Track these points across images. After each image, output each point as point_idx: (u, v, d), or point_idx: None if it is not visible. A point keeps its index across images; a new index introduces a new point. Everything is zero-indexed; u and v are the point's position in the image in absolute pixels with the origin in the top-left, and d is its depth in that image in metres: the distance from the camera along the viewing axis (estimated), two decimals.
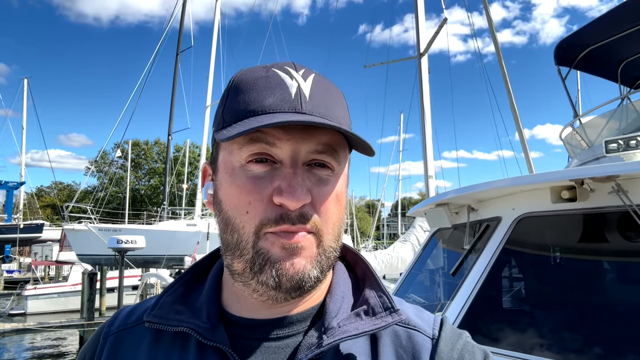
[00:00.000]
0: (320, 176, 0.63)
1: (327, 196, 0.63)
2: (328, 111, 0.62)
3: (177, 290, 0.73)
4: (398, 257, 10.35)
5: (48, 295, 21.09)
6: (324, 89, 0.64)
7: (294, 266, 0.60)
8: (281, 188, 0.59)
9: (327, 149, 0.62)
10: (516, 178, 2.75)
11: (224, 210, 0.64)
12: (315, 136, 0.61)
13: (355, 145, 0.66)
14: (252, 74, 0.65)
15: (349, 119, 0.68)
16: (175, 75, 26.73)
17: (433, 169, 10.14)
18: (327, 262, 0.65)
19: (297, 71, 0.64)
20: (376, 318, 0.66)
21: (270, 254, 0.60)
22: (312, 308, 0.68)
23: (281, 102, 0.60)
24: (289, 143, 0.60)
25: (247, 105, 0.61)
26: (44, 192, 63.37)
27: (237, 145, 0.62)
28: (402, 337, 0.68)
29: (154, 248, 17.27)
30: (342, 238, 0.67)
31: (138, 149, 57.60)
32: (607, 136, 4.02)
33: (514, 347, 2.39)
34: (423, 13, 10.56)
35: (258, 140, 0.61)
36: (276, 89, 0.61)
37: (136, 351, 0.69)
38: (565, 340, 2.38)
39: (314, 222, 0.62)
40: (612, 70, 5.51)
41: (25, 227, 35.72)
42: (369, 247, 43.75)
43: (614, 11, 4.54)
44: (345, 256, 0.77)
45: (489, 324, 2.74)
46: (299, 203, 0.59)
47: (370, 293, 0.69)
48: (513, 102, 8.28)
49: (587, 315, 2.51)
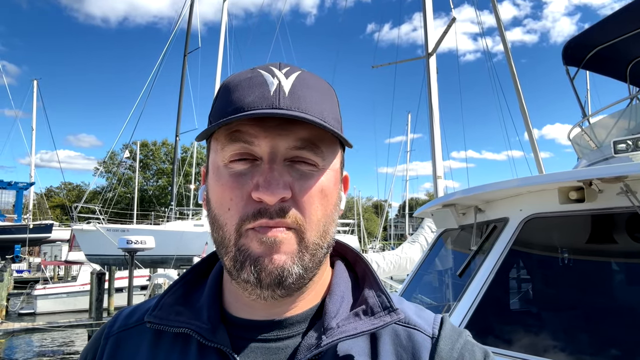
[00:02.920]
0: (303, 171, 0.63)
1: (309, 190, 0.63)
2: (309, 106, 0.62)
3: (177, 291, 0.73)
4: (407, 258, 10.29)
5: (57, 295, 21.22)
6: (306, 85, 0.64)
7: (273, 262, 0.60)
8: (258, 184, 0.60)
9: (307, 145, 0.62)
10: (523, 179, 2.73)
11: (211, 208, 0.66)
12: (293, 131, 0.62)
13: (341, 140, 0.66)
14: (238, 77, 0.66)
15: (337, 114, 0.68)
16: (183, 77, 26.91)
17: (442, 169, 10.10)
18: (312, 260, 0.64)
19: (281, 70, 0.65)
20: (375, 318, 0.66)
21: (250, 251, 0.61)
22: (310, 309, 0.69)
23: (259, 100, 0.61)
24: (266, 140, 0.61)
25: (230, 105, 0.62)
26: (54, 193, 63.90)
27: (220, 145, 0.64)
28: (402, 336, 0.68)
29: (161, 248, 17.35)
30: (331, 235, 0.67)
31: (146, 149, 57.93)
32: (616, 136, 3.99)
33: (520, 349, 2.38)
34: (431, 13, 10.53)
35: (237, 139, 0.62)
36: (256, 87, 0.62)
37: (137, 352, 0.69)
38: (572, 342, 2.36)
39: (294, 217, 0.61)
40: (620, 70, 5.46)
41: (35, 227, 35.99)
42: (376, 248, 43.69)
43: (622, 11, 4.50)
44: (346, 255, 0.77)
45: (495, 325, 2.73)
46: (275, 197, 0.59)
47: (369, 293, 0.69)
48: (522, 103, 8.24)
49: (594, 316, 2.49)
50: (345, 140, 0.65)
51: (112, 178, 49.65)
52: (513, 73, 8.31)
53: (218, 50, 24.91)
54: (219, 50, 24.76)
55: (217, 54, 24.88)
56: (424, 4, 10.41)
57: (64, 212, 52.72)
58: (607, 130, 4.48)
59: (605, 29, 4.84)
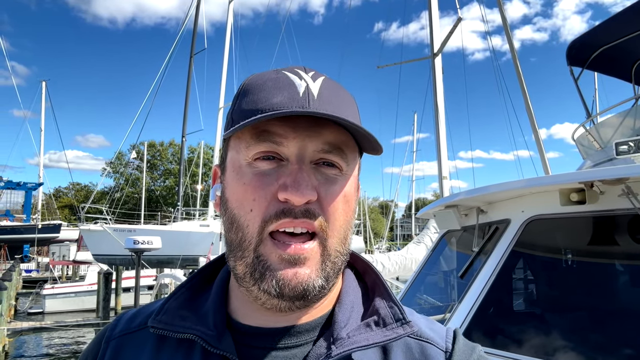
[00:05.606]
0: (328, 175, 0.62)
1: (335, 195, 0.62)
2: (336, 110, 0.61)
3: (182, 295, 0.71)
4: (412, 259, 10.26)
5: (65, 295, 21.37)
6: (333, 90, 0.64)
7: (297, 276, 0.59)
8: (286, 184, 0.59)
9: (334, 148, 0.62)
10: (525, 180, 2.73)
11: (229, 208, 0.64)
12: (322, 134, 0.61)
13: (363, 145, 0.66)
14: (262, 77, 0.65)
15: (358, 120, 0.66)
16: (189, 78, 27.03)
17: (447, 169, 10.06)
18: (333, 268, 0.63)
19: (307, 73, 0.64)
20: (387, 329, 0.64)
21: (270, 263, 0.59)
22: (320, 317, 0.67)
23: (289, 101, 0.60)
24: (295, 141, 0.60)
25: (256, 104, 0.61)
26: (62, 193, 64.37)
27: (244, 144, 0.62)
28: (414, 349, 0.66)
29: (168, 248, 17.42)
30: (349, 242, 0.66)
31: (153, 150, 58.23)
32: (620, 137, 3.97)
33: (521, 350, 2.38)
34: (437, 12, 10.49)
35: (265, 139, 0.60)
36: (284, 88, 0.61)
37: (139, 357, 0.67)
38: (572, 344, 2.36)
39: (319, 220, 0.60)
40: (626, 70, 5.43)
41: (43, 227, 36.35)
42: (383, 249, 43.62)
43: (626, 11, 4.48)
44: (355, 265, 0.75)
45: (496, 326, 2.73)
46: (303, 198, 0.58)
47: (380, 303, 0.67)
48: (528, 103, 8.19)
49: (594, 318, 2.49)
50: (379, 145, 0.64)
51: (119, 178, 49.99)
52: (519, 73, 8.27)
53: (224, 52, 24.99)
54: (225, 52, 24.83)
55: (223, 55, 24.97)
56: (430, 4, 10.38)
57: (72, 212, 53.07)
58: (612, 131, 4.45)
59: (610, 28, 4.81)
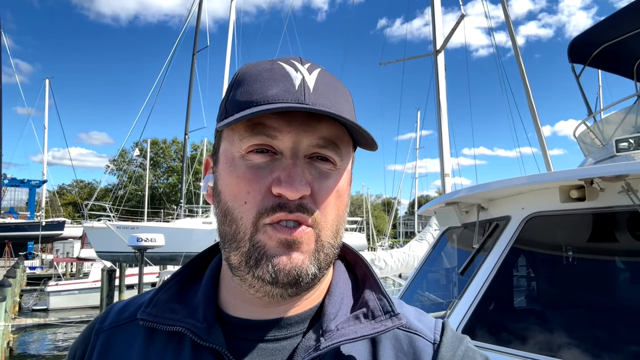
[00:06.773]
0: (322, 170, 0.62)
1: (328, 190, 0.62)
2: (332, 104, 0.60)
3: (172, 287, 0.71)
4: (414, 256, 10.29)
5: (69, 292, 21.43)
6: (328, 83, 0.63)
7: (292, 261, 0.59)
8: (280, 178, 0.59)
9: (329, 143, 0.62)
10: (525, 177, 2.74)
11: (223, 201, 0.63)
12: (317, 129, 0.61)
13: (358, 140, 0.65)
14: (256, 67, 0.64)
15: (354, 115, 0.66)
16: (192, 76, 27.06)
17: (450, 167, 10.08)
18: (325, 259, 0.63)
19: (303, 65, 0.63)
20: (375, 322, 0.64)
21: (267, 248, 0.59)
22: (310, 309, 0.67)
23: (284, 93, 0.59)
24: (290, 135, 0.60)
25: (250, 95, 0.60)
26: (66, 190, 64.55)
27: (238, 136, 0.62)
28: (403, 341, 0.66)
29: (171, 246, 17.49)
30: (341, 235, 0.66)
31: (157, 147, 58.29)
32: (622, 134, 3.97)
33: (520, 346, 2.39)
34: (439, 9, 10.50)
35: (260, 132, 0.60)
36: (280, 80, 0.60)
37: (128, 349, 0.67)
38: (571, 340, 2.37)
39: (313, 215, 0.60)
40: (627, 67, 5.41)
41: (47, 224, 36.51)
42: (385, 246, 43.62)
43: (628, 8, 4.47)
44: (346, 256, 0.75)
45: (496, 322, 2.74)
46: (297, 193, 0.58)
47: (370, 295, 0.68)
48: (531, 100, 8.19)
49: (593, 314, 2.50)
50: (374, 141, 0.64)
51: (122, 176, 50.15)
52: (521, 70, 8.26)
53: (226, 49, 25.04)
54: (227, 49, 24.90)
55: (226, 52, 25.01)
56: (432, 2, 10.38)
57: (75, 209, 53.25)
58: (613, 128, 4.45)
59: (612, 26, 4.81)
